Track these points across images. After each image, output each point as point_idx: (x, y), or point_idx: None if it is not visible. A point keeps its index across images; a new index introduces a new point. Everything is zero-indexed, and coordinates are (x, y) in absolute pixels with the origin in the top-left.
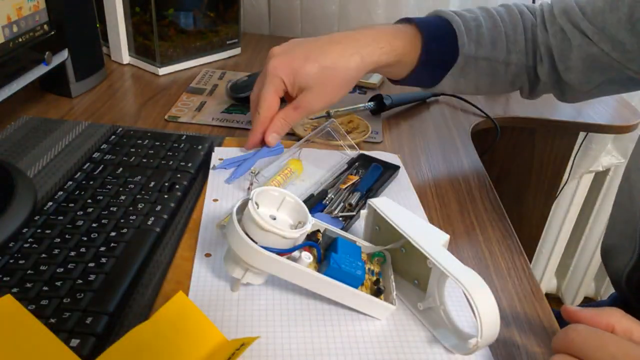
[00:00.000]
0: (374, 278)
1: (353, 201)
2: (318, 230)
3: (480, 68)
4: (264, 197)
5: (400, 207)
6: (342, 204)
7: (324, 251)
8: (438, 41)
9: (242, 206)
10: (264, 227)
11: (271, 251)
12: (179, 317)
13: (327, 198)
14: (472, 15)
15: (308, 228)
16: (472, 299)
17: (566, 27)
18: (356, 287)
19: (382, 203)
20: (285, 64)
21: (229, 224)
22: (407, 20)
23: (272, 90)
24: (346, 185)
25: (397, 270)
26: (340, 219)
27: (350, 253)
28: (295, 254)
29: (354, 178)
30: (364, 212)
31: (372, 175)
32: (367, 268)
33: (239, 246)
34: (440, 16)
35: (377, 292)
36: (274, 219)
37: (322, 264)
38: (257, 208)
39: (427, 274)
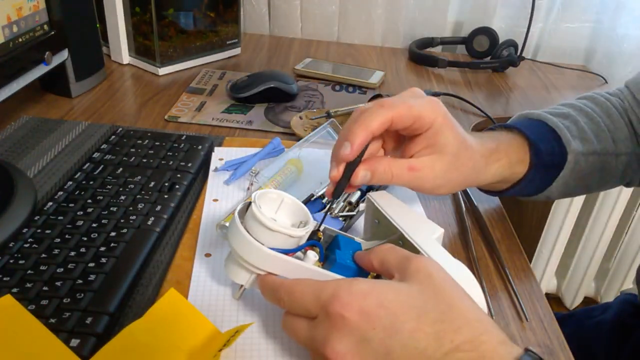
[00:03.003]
0: (374, 273)
1: (353, 200)
2: (318, 229)
3: (590, 165)
4: (262, 200)
5: (397, 201)
6: (342, 203)
7: (326, 250)
8: (545, 142)
9: (242, 210)
10: (271, 228)
11: (279, 252)
12: (172, 312)
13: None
14: (561, 111)
15: (311, 226)
16: None
17: None
18: None
19: (380, 197)
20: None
21: (232, 228)
22: (500, 127)
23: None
24: None
25: None
26: (341, 218)
27: (353, 249)
28: (299, 254)
29: None
30: (363, 206)
31: None
32: None
33: (246, 250)
34: (530, 118)
35: None
36: (274, 220)
37: (326, 262)
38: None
39: None
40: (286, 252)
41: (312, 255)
